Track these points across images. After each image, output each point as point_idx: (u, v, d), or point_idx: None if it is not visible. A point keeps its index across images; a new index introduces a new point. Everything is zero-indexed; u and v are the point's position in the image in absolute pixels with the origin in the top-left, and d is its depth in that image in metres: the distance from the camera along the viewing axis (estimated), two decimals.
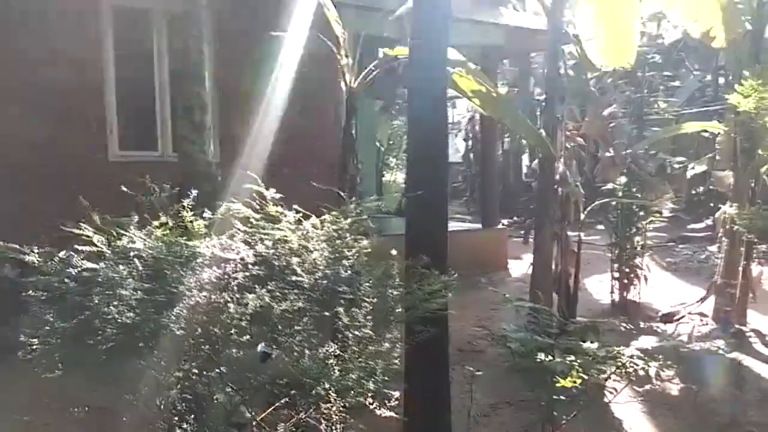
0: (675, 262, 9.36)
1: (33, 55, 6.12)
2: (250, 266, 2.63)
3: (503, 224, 10.52)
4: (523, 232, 11.00)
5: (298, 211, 3.10)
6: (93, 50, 6.40)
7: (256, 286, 2.66)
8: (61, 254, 2.59)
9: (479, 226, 9.69)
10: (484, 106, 5.75)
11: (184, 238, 2.66)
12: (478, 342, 5.49)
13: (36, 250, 2.59)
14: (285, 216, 3.06)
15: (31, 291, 2.60)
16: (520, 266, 8.95)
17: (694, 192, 10.47)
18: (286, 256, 2.78)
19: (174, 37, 4.64)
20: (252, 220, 2.89)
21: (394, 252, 3.09)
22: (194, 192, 2.79)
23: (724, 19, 6.26)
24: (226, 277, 2.56)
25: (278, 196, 3.20)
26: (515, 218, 13.31)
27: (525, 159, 17.85)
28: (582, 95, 10.92)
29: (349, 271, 2.97)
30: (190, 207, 2.76)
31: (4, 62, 6.01)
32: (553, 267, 5.78)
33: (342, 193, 3.42)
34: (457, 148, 23.09)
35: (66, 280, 2.58)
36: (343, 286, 2.87)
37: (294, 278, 2.70)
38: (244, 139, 7.07)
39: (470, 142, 18.21)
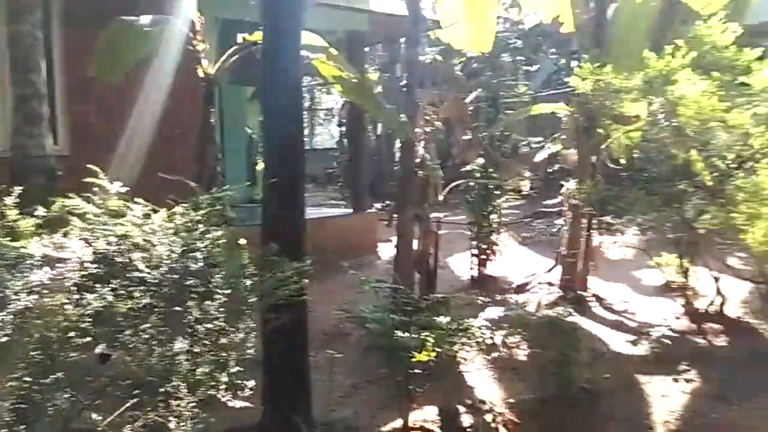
0: (530, 236, 9.96)
1: None
2: (88, 265, 2.54)
3: (376, 208, 10.71)
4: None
5: (146, 204, 3.02)
6: None
7: (97, 285, 2.58)
8: None
9: (350, 211, 9.81)
10: (346, 93, 5.83)
11: (9, 238, 2.52)
12: (343, 325, 5.59)
13: None
14: (131, 210, 2.98)
15: None
16: (390, 249, 9.18)
17: (550, 170, 11.17)
18: (128, 252, 2.70)
19: (8, 21, 4.28)
20: (91, 215, 2.78)
21: (243, 241, 3.08)
22: (19, 189, 2.62)
23: (571, 4, 6.72)
24: (60, 277, 2.46)
25: (124, 189, 3.10)
26: (388, 202, 13.60)
27: (398, 143, 18.21)
28: (450, 80, 11.31)
29: (200, 264, 2.94)
30: (18, 204, 2.61)
31: None
32: (415, 247, 6.01)
33: (194, 184, 3.34)
34: (331, 134, 23.13)
35: None
36: (193, 279, 2.84)
37: (137, 275, 2.63)
38: (99, 128, 6.73)
39: (344, 128, 18.30)
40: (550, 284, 7.00)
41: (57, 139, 5.91)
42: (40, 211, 2.75)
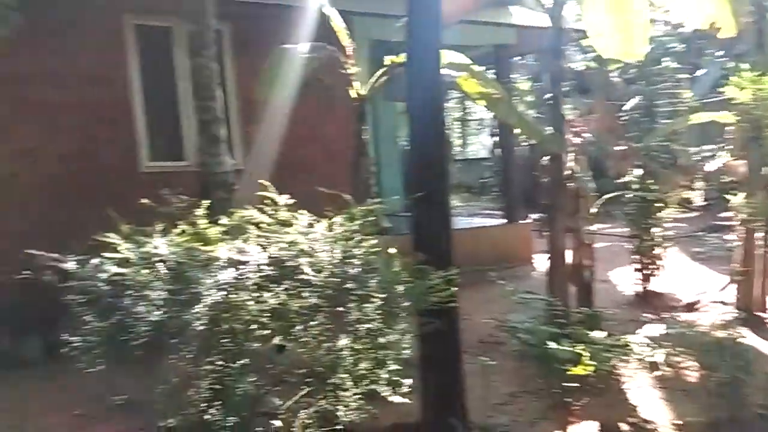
0: (702, 251, 9.36)
1: (63, 73, 6.50)
2: (264, 267, 2.88)
3: (531, 219, 10.63)
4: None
5: (309, 215, 3.35)
6: (119, 67, 6.76)
7: (272, 285, 2.92)
8: (94, 261, 2.87)
9: (504, 221, 9.83)
10: (490, 107, 5.92)
11: (201, 243, 2.92)
12: (498, 335, 5.67)
13: (72, 258, 2.88)
14: (297, 220, 3.31)
15: (70, 295, 2.90)
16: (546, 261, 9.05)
17: (724, 181, 10.39)
18: (297, 257, 3.01)
19: (194, 54, 4.93)
20: (263, 225, 3.13)
21: (393, 250, 3.29)
22: (214, 202, 3.04)
23: (731, 9, 6.29)
24: (243, 277, 2.81)
25: (291, 201, 3.45)
26: (543, 213, 13.39)
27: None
28: (604, 87, 10.94)
29: (358, 269, 3.19)
30: (206, 215, 3.02)
31: (38, 81, 6.38)
32: (569, 260, 5.92)
33: (349, 197, 3.63)
34: (485, 144, 23.19)
35: (99, 284, 2.86)
36: (352, 283, 3.10)
37: (305, 277, 2.93)
38: (265, 145, 7.38)
39: (496, 138, 18.33)
40: (723, 303, 6.56)
41: (233, 156, 6.57)
42: (224, 220, 3.15)
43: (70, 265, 2.86)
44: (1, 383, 5.14)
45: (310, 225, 3.29)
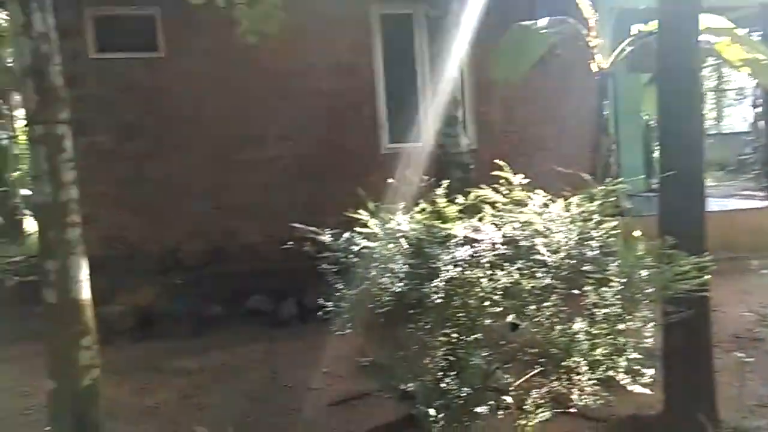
0: None
1: (319, 65, 7.18)
2: (498, 246, 2.92)
3: None
4: None
5: (545, 195, 3.30)
6: (364, 55, 7.26)
7: (506, 264, 2.95)
8: (345, 235, 3.18)
9: (766, 204, 8.66)
10: (755, 75, 5.21)
11: (440, 221, 3.06)
12: (757, 329, 5.07)
13: (327, 232, 3.22)
14: (531, 200, 3.29)
15: (324, 265, 3.25)
16: None
17: None
18: (531, 237, 3.00)
19: (432, 39, 5.12)
20: (499, 204, 3.17)
21: (638, 233, 3.10)
22: (451, 181, 3.15)
23: None
24: (477, 255, 2.89)
25: (525, 180, 3.44)
26: None
27: None
28: None
29: (596, 252, 3.08)
30: (444, 194, 3.15)
31: (297, 73, 7.14)
32: None
33: (587, 176, 3.49)
34: (744, 116, 20.49)
35: (350, 256, 3.15)
36: (589, 265, 3.00)
37: (539, 257, 2.91)
38: (498, 124, 7.40)
39: (759, 109, 16.11)
40: None
41: (468, 136, 6.69)
42: (460, 199, 3.25)
43: (326, 237, 3.19)
44: (262, 339, 5.92)
45: (545, 205, 3.25)
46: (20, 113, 14.32)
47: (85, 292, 3.14)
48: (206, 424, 4.13)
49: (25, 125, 3.06)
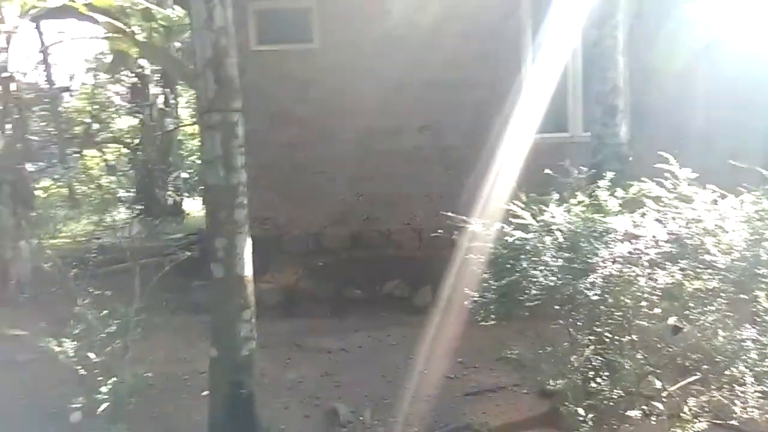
0: None
1: (462, 59, 7.10)
2: (661, 243, 2.76)
3: None
4: None
5: (715, 191, 3.07)
6: (514, 48, 7.10)
7: (667, 263, 2.79)
8: (497, 225, 3.15)
9: None
10: None
11: (599, 214, 2.94)
12: None
13: (478, 221, 3.21)
14: (698, 195, 3.07)
15: (471, 254, 3.24)
16: None
17: None
18: (699, 235, 2.81)
19: (588, 27, 4.91)
20: (664, 199, 2.99)
21: None
22: (609, 174, 3.02)
23: None
24: (637, 252, 2.75)
25: (693, 175, 3.21)
26: None
27: None
28: None
29: None
30: (605, 187, 3.02)
31: (446, 64, 7.09)
32: None
33: (766, 172, 3.20)
34: None
35: (499, 247, 3.12)
36: (764, 268, 2.76)
37: (707, 257, 2.72)
38: (658, 115, 6.93)
39: None
40: None
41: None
42: (620, 192, 3.11)
43: (476, 227, 3.18)
44: (399, 324, 6.03)
45: (715, 202, 3.03)
46: (183, 102, 15.60)
47: (248, 269, 3.37)
48: (345, 402, 4.29)
49: (202, 113, 3.31)
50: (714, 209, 2.97)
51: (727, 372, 2.75)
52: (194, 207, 14.07)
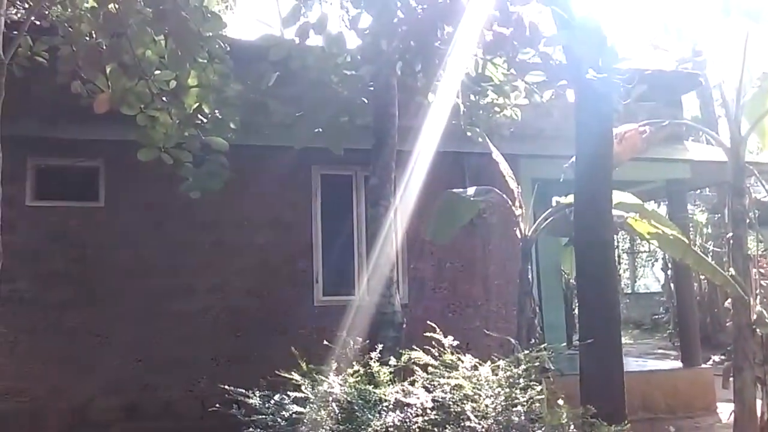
0: None
1: (256, 220, 7.32)
2: (428, 411, 2.95)
3: (713, 361, 9.70)
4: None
5: (474, 356, 3.39)
6: (303, 213, 7.50)
7: (435, 430, 2.96)
8: (276, 397, 3.13)
9: (680, 365, 9.03)
10: (663, 247, 5.68)
11: (371, 385, 3.08)
12: None
13: (257, 394, 3.16)
14: (461, 362, 3.37)
15: (251, 428, 3.15)
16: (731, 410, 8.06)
17: None
18: (461, 401, 3.05)
19: (370, 200, 5.44)
20: (430, 366, 3.24)
21: (561, 401, 3.21)
22: (379, 346, 3.22)
23: None
24: (407, 420, 2.89)
25: (455, 343, 3.53)
26: (723, 357, 12.13)
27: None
28: None
29: (522, 417, 3.14)
30: (377, 357, 3.20)
31: (233, 226, 7.24)
32: (759, 415, 5.27)
33: (513, 341, 3.64)
34: (656, 276, 21.73)
35: (278, 420, 3.08)
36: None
37: (468, 424, 2.94)
38: (429, 281, 7.65)
39: (669, 272, 17.24)
40: None
41: (400, 293, 6.86)
42: (392, 360, 3.31)
43: (255, 400, 3.13)
44: None
45: (475, 368, 3.34)
46: None
47: None
48: None
49: None
50: (474, 375, 3.27)
51: None
52: None
